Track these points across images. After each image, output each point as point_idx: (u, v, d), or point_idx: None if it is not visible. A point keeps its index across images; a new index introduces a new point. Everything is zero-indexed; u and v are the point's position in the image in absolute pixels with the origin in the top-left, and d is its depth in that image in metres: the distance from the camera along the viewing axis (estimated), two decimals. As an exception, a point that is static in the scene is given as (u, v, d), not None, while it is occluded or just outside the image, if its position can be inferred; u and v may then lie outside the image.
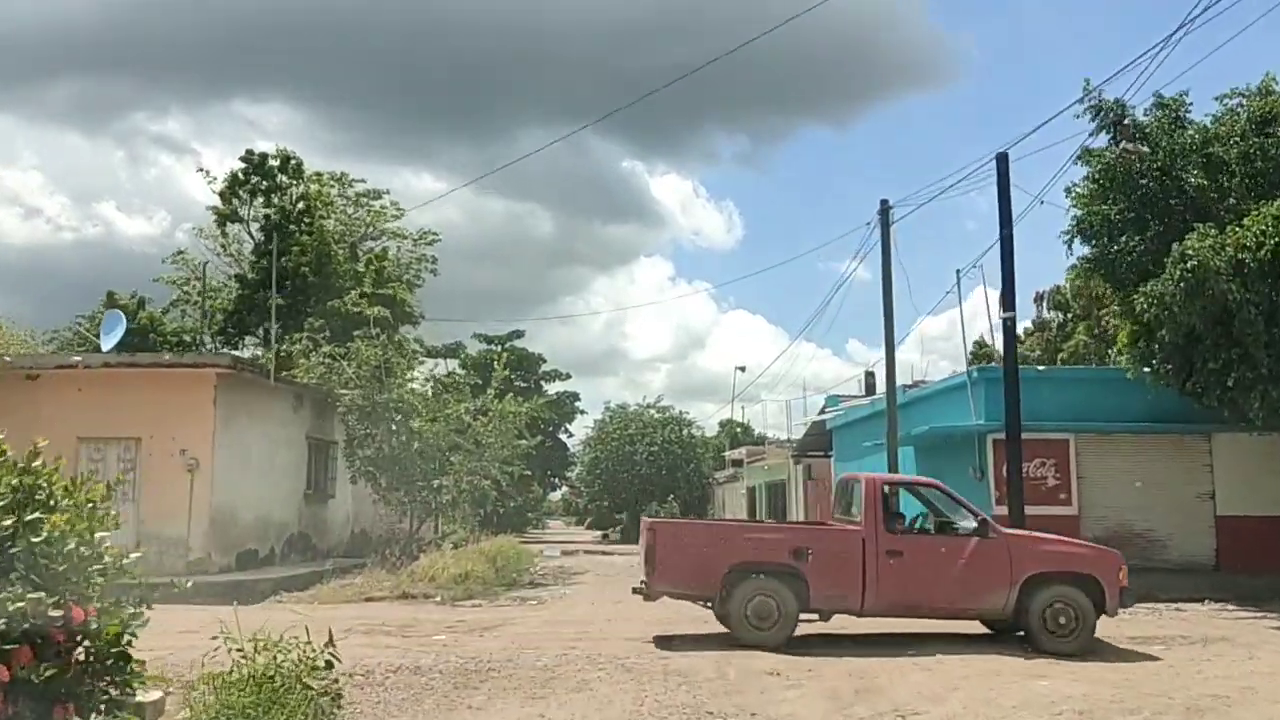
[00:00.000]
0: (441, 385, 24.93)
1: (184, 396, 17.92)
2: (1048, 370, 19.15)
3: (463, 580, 18.69)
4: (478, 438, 22.96)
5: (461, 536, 26.94)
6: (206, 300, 37.23)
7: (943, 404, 19.40)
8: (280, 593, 17.30)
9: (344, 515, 25.36)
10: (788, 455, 34.18)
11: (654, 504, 54.67)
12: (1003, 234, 16.87)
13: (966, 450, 18.22)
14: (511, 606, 16.51)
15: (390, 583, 18.14)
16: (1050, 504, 17.35)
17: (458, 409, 23.29)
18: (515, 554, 27.26)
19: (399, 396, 22.21)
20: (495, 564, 22.37)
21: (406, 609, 15.82)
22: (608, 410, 56.25)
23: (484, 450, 22.98)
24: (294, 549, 21.95)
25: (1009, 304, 16.96)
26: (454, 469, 22.63)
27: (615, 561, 31.81)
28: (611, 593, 18.89)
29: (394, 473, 22.25)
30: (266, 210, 36.80)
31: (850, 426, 26.15)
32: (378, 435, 22.33)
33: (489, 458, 22.89)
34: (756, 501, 39.13)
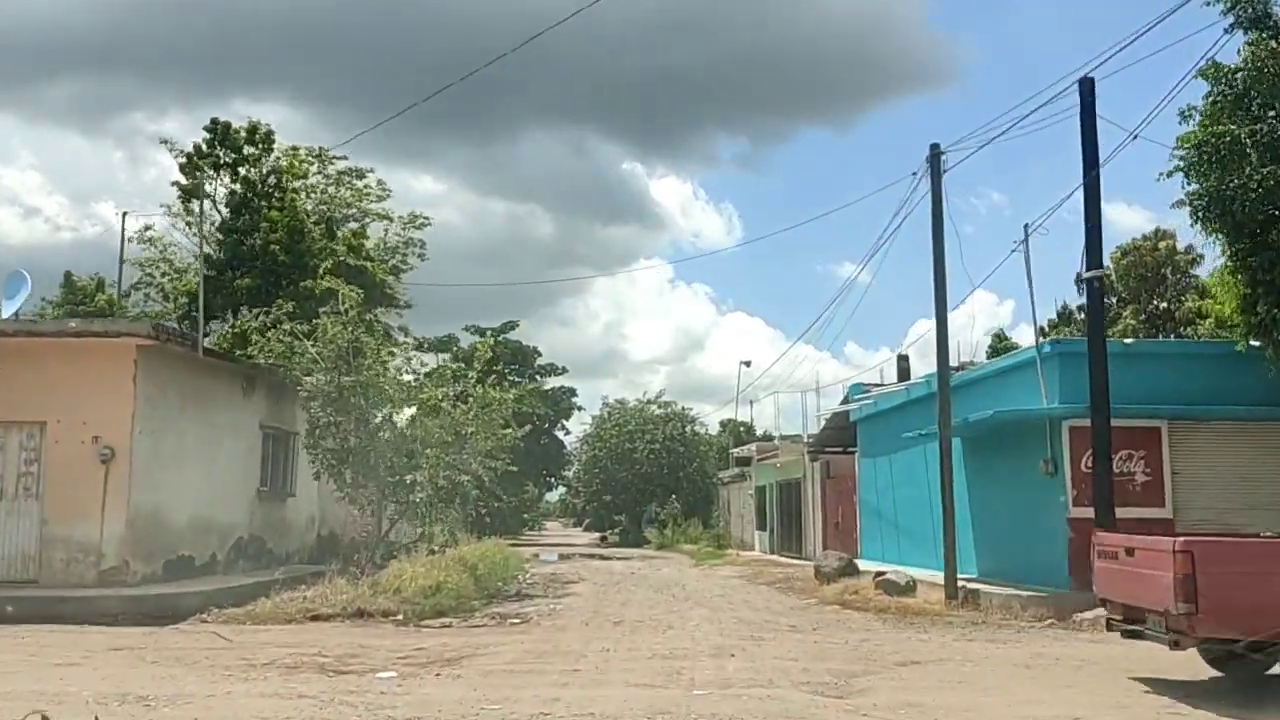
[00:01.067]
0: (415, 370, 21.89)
1: (98, 373, 14.95)
2: (1136, 344, 16.18)
3: (433, 593, 15.71)
4: (457, 427, 19.97)
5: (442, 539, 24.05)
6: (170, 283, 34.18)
7: (1002, 387, 16.44)
8: (211, 609, 14.29)
9: (308, 516, 22.39)
10: (803, 451, 31.20)
11: (654, 504, 51.87)
12: (1087, 176, 13.91)
13: (1035, 440, 15.26)
14: (488, 627, 13.54)
15: (346, 596, 15.15)
16: (1138, 504, 14.41)
17: (434, 394, 20.33)
18: (501, 560, 24.36)
19: (368, 380, 19.25)
20: (475, 572, 19.45)
21: (356, 632, 12.85)
22: (606, 406, 53.35)
23: (464, 442, 19.99)
24: (244, 555, 18.97)
25: (1095, 260, 13.99)
26: (429, 462, 19.66)
27: (614, 568, 28.85)
28: (609, 608, 15.94)
29: (360, 466, 19.28)
30: (233, 185, 33.77)
31: (881, 418, 23.18)
32: (344, 424, 19.40)
33: (470, 450, 19.90)
34: (766, 503, 36.14)
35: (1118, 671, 9.43)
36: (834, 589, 17.77)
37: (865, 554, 23.01)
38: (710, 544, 38.06)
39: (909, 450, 21.14)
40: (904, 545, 21.59)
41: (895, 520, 22.26)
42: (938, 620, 13.70)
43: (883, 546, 22.98)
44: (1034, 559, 15.38)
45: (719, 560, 31.45)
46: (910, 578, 16.41)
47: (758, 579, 23.15)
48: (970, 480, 18.08)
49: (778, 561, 29.76)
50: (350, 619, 14.02)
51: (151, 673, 9.31)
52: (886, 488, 22.86)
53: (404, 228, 38.67)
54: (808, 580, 20.53)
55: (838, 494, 27.93)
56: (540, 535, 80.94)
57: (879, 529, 23.38)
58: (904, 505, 21.66)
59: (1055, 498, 14.80)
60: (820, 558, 19.93)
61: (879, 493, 23.40)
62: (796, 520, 32.03)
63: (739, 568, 28.03)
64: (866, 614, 14.76)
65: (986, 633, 12.31)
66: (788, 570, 25.57)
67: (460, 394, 20.72)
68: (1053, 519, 14.86)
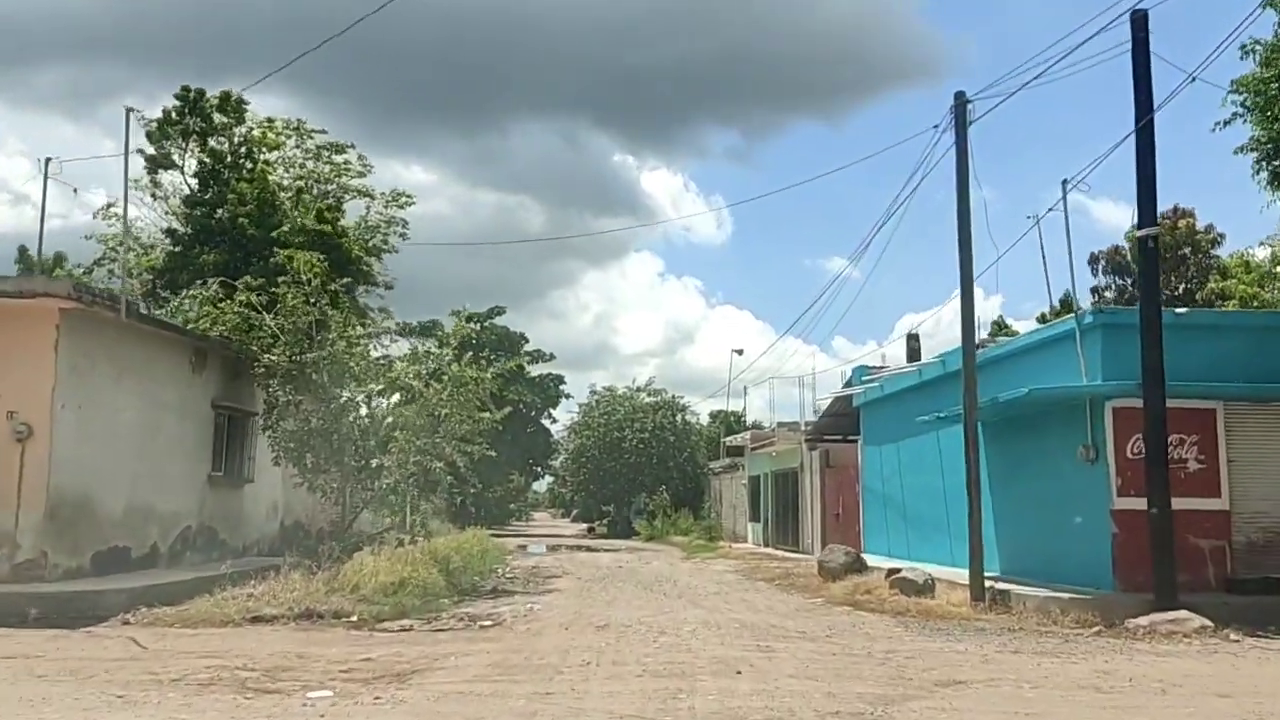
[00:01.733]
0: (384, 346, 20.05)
1: (12, 340, 13.13)
2: (1189, 314, 14.46)
3: (395, 591, 14.04)
4: (430, 409, 18.25)
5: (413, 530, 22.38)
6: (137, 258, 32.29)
7: (1033, 364, 14.73)
8: (139, 609, 12.54)
9: (269, 504, 20.62)
10: (800, 439, 29.55)
11: (643, 495, 50.18)
12: (1139, 122, 12.24)
13: (1071, 423, 13.59)
14: (454, 631, 11.81)
15: (296, 594, 13.44)
16: (1190, 494, 12.76)
17: (404, 371, 18.61)
18: (479, 553, 22.69)
19: (331, 356, 17.53)
20: (448, 567, 17.78)
21: (299, 637, 11.11)
22: (594, 394, 51.55)
23: (437, 424, 18.26)
24: (192, 547, 17.21)
25: (1150, 216, 12.32)
26: (398, 446, 17.95)
27: (600, 561, 27.15)
28: (593, 607, 14.24)
29: (323, 450, 17.58)
30: (202, 155, 31.89)
31: (888, 402, 21.49)
32: (305, 404, 17.69)
33: (444, 434, 18.16)
34: (761, 493, 34.50)
35: (1208, 694, 7.78)
36: (842, 587, 16.12)
37: (869, 548, 21.34)
38: (701, 536, 36.42)
39: (920, 436, 19.47)
40: (914, 539, 19.94)
41: (903, 512, 20.60)
42: (966, 625, 12.03)
43: (889, 540, 21.32)
44: (1069, 556, 13.73)
45: (711, 553, 29.78)
46: (928, 576, 14.75)
47: (754, 574, 21.48)
48: (991, 468, 16.39)
49: (773, 555, 28.12)
50: (297, 621, 12.31)
51: (23, 692, 7.58)
52: (893, 477, 21.20)
53: (386, 205, 36.80)
54: (810, 577, 18.88)
55: (838, 484, 26.29)
56: (527, 526, 79.22)
57: (885, 522, 21.72)
58: (914, 496, 20.00)
59: (1096, 487, 13.14)
60: (825, 553, 18.28)
61: (885, 482, 21.74)
62: (793, 512, 30.39)
63: (733, 561, 26.36)
64: (883, 617, 13.09)
65: (1028, 642, 10.64)
66: (785, 565, 23.91)
67: (433, 373, 18.97)
68: (1093, 511, 13.21)
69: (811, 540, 28.19)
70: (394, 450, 17.93)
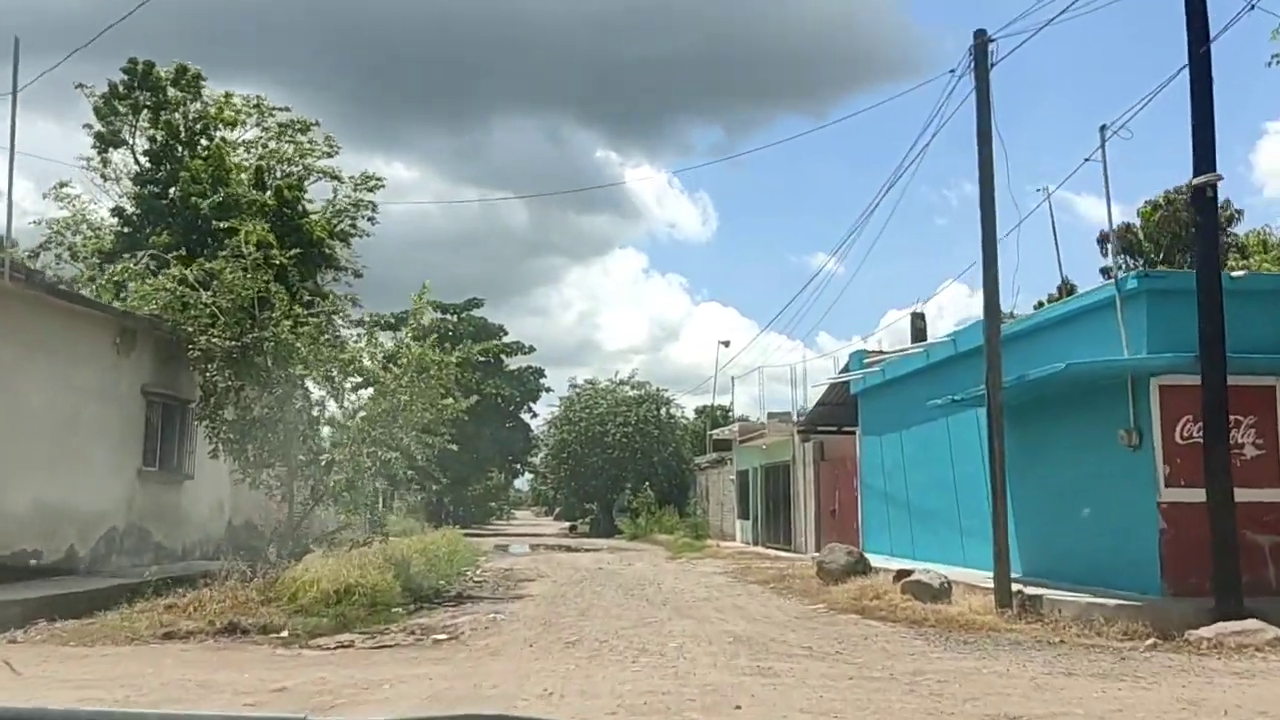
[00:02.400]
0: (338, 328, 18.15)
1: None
2: (1246, 278, 12.79)
3: (337, 601, 12.28)
4: (386, 394, 16.47)
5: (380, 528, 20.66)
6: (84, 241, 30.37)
7: (1062, 339, 13.03)
8: (40, 621, 10.80)
9: (213, 502, 18.83)
10: (792, 431, 27.87)
11: (627, 492, 48.46)
12: (1193, 54, 10.58)
13: (1110, 403, 11.92)
14: (399, 649, 10.06)
15: (222, 605, 11.69)
16: (1248, 484, 11.10)
17: (356, 353, 16.83)
18: (446, 555, 20.95)
19: (275, 336, 15.74)
20: (407, 570, 16.01)
21: (211, 659, 9.34)
22: (575, 388, 49.77)
23: (395, 412, 16.48)
24: (119, 550, 15.43)
25: (1207, 160, 10.63)
26: (351, 436, 16.19)
27: (579, 562, 25.41)
28: (565, 617, 12.50)
29: (266, 441, 15.80)
30: (154, 131, 29.95)
31: (891, 388, 19.81)
32: (246, 390, 15.92)
33: (402, 422, 16.38)
34: (750, 488, 32.81)
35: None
36: (845, 591, 14.43)
37: (869, 547, 19.65)
38: (687, 534, 34.73)
39: (927, 424, 17.82)
40: (920, 537, 18.29)
41: (907, 508, 18.95)
42: (997, 638, 10.35)
43: (891, 539, 19.67)
44: (1107, 556, 12.08)
45: (698, 553, 28.06)
46: (944, 578, 13.07)
47: (746, 576, 19.78)
48: (1011, 458, 14.73)
49: (764, 554, 26.44)
50: (217, 637, 10.53)
51: None
52: (896, 470, 19.54)
53: (354, 189, 34.83)
54: (808, 579, 17.20)
55: (834, 478, 24.62)
56: (508, 525, 77.43)
57: (886, 518, 20.07)
58: (920, 490, 18.36)
59: (1140, 477, 11.48)
60: (824, 553, 16.59)
61: (887, 476, 20.08)
62: (784, 508, 28.71)
63: (722, 562, 24.66)
64: (897, 627, 11.41)
65: (1078, 660, 8.96)
66: (778, 565, 22.23)
67: (391, 356, 17.17)
68: (1136, 504, 11.55)
69: (805, 538, 26.53)
70: (346, 441, 16.19)
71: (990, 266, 12.28)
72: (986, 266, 12.31)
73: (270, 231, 27.56)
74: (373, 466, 16.15)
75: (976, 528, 15.91)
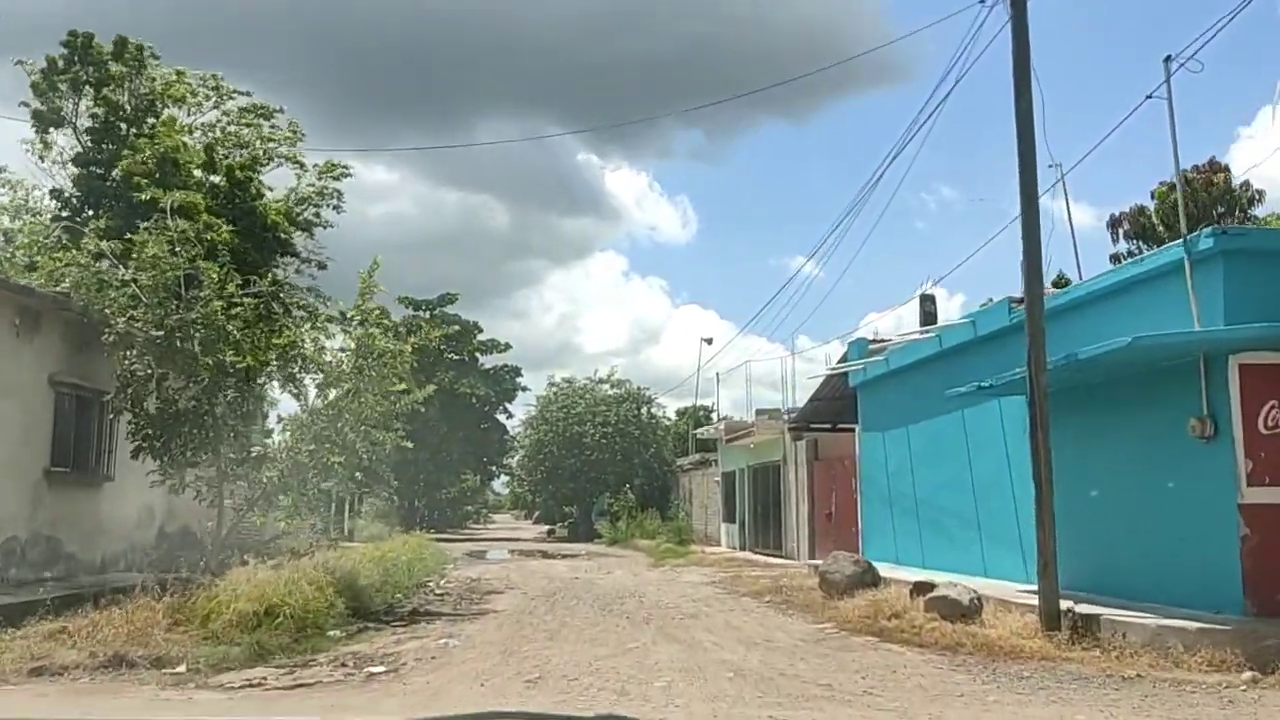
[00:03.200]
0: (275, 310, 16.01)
1: None
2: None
3: (257, 625, 10.30)
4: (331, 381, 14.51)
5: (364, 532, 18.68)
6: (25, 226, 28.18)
7: (1116, 313, 11.07)
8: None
9: (141, 508, 16.73)
10: (783, 429, 26.00)
11: (606, 495, 46.48)
12: None
13: (1180, 386, 10.05)
14: (318, 690, 8.10)
15: (119, 631, 9.72)
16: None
17: (295, 335, 14.85)
18: (405, 564, 18.96)
19: (204, 317, 13.75)
20: (354, 584, 14.04)
21: (78, 704, 7.36)
22: (552, 386, 47.71)
23: (339, 405, 14.52)
24: (22, 562, 13.37)
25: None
26: (291, 432, 14.24)
27: (554, 570, 23.45)
28: (530, 643, 10.55)
29: (192, 438, 13.82)
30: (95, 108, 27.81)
31: (896, 379, 17.95)
32: (169, 379, 13.92)
33: (351, 415, 14.39)
34: (737, 491, 30.91)
35: None
36: (854, 607, 12.54)
37: (870, 553, 17.77)
38: (670, 539, 32.78)
39: (940, 418, 15.98)
40: (931, 543, 16.44)
41: (915, 510, 17.10)
42: (1055, 670, 8.48)
43: (896, 545, 17.82)
44: (1173, 567, 10.23)
45: (682, 559, 26.11)
46: (974, 593, 11.18)
47: (737, 587, 17.88)
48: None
49: (753, 561, 24.57)
50: (99, 672, 8.55)
51: None
52: (902, 469, 17.68)
53: (319, 177, 32.68)
54: (808, 591, 15.33)
55: (830, 479, 22.74)
56: (485, 529, 75.25)
57: (890, 522, 18.21)
58: (931, 491, 16.51)
59: (1215, 474, 9.62)
60: (828, 562, 14.68)
61: (891, 475, 18.22)
62: (774, 511, 26.83)
63: (709, 569, 22.75)
64: (927, 654, 9.54)
65: (1169, 702, 7.12)
66: (770, 573, 20.36)
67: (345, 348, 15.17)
68: (1211, 507, 9.69)
69: (797, 544, 24.66)
70: (286, 437, 14.23)
71: (1032, 222, 10.39)
72: (1027, 224, 10.43)
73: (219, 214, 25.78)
74: (314, 466, 14.12)
75: (1000, 533, 14.08)
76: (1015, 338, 13.49)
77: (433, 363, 50.21)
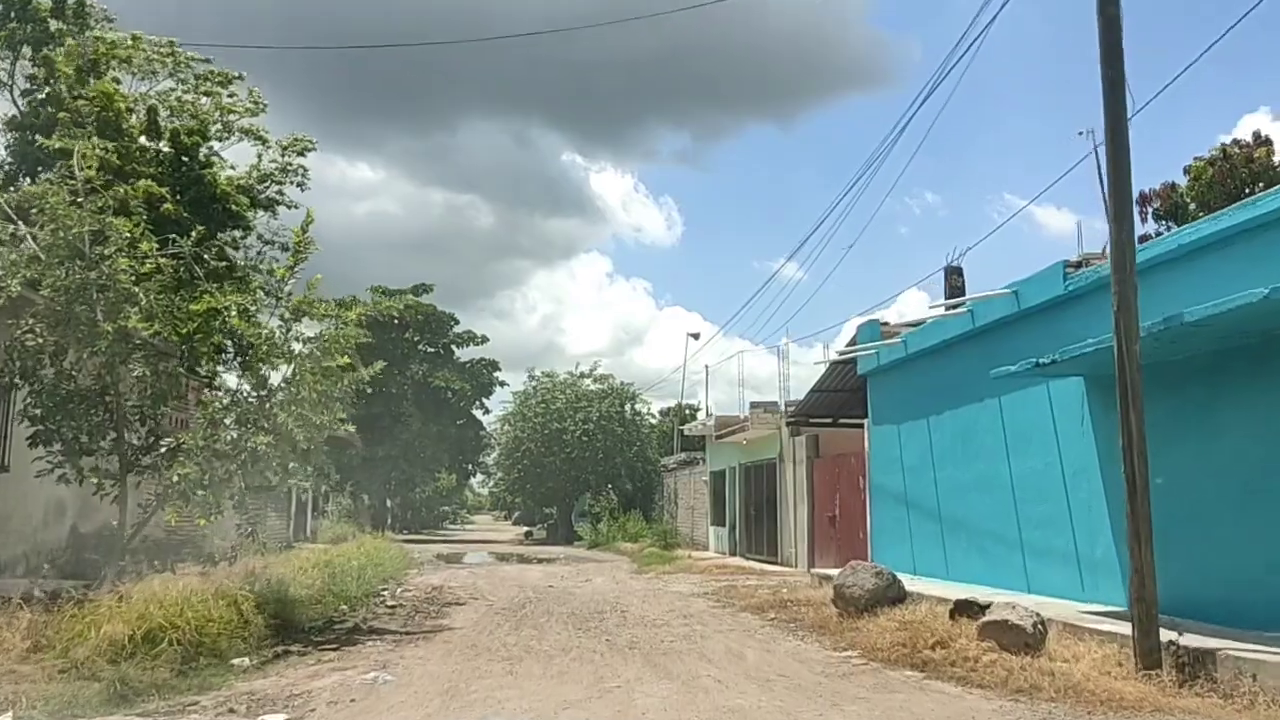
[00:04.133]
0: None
1: None
2: None
3: (135, 652, 8.05)
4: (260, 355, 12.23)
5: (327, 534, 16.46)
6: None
7: (1224, 266, 8.93)
8: None
9: (46, 503, 14.40)
10: (780, 423, 23.84)
11: (587, 496, 44.29)
12: None
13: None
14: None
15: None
16: None
17: (217, 302, 12.59)
18: (357, 570, 16.76)
19: (108, 277, 11.51)
20: (281, 599, 11.85)
21: None
22: (531, 379, 45.44)
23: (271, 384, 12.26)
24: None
25: None
26: (205, 415, 11.97)
27: (527, 577, 21.23)
28: (482, 678, 8.31)
29: (89, 420, 11.59)
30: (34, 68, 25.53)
31: (917, 363, 15.80)
32: (67, 351, 11.68)
33: (282, 398, 12.11)
34: (727, 491, 28.74)
35: None
36: (881, 629, 10.36)
37: (881, 562, 15.57)
38: (655, 543, 30.59)
39: (970, 407, 13.88)
40: (957, 552, 14.32)
41: (938, 514, 14.97)
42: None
43: (913, 552, 15.70)
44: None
45: (668, 565, 23.89)
46: (1037, 616, 9.01)
47: (733, 599, 15.68)
48: (1101, 442, 10.86)
49: (747, 568, 22.39)
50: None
51: None
52: (922, 466, 15.55)
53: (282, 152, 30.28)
54: (818, 606, 13.16)
55: (833, 478, 20.58)
56: (461, 530, 72.95)
57: (907, 527, 16.08)
58: (958, 492, 14.38)
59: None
60: (845, 573, 12.47)
61: (909, 474, 16.10)
62: (769, 514, 24.67)
63: (698, 577, 20.56)
64: (991, 696, 7.38)
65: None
66: (767, 582, 18.22)
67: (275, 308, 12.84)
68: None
69: (795, 550, 22.51)
70: (201, 420, 11.95)
71: (1121, 150, 8.22)
72: (1115, 153, 8.26)
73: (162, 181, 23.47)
74: (237, 456, 11.83)
75: (1048, 541, 11.95)
76: (1072, 309, 11.43)
77: (405, 354, 48.08)
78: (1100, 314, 10.89)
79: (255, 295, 13.78)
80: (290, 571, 14.75)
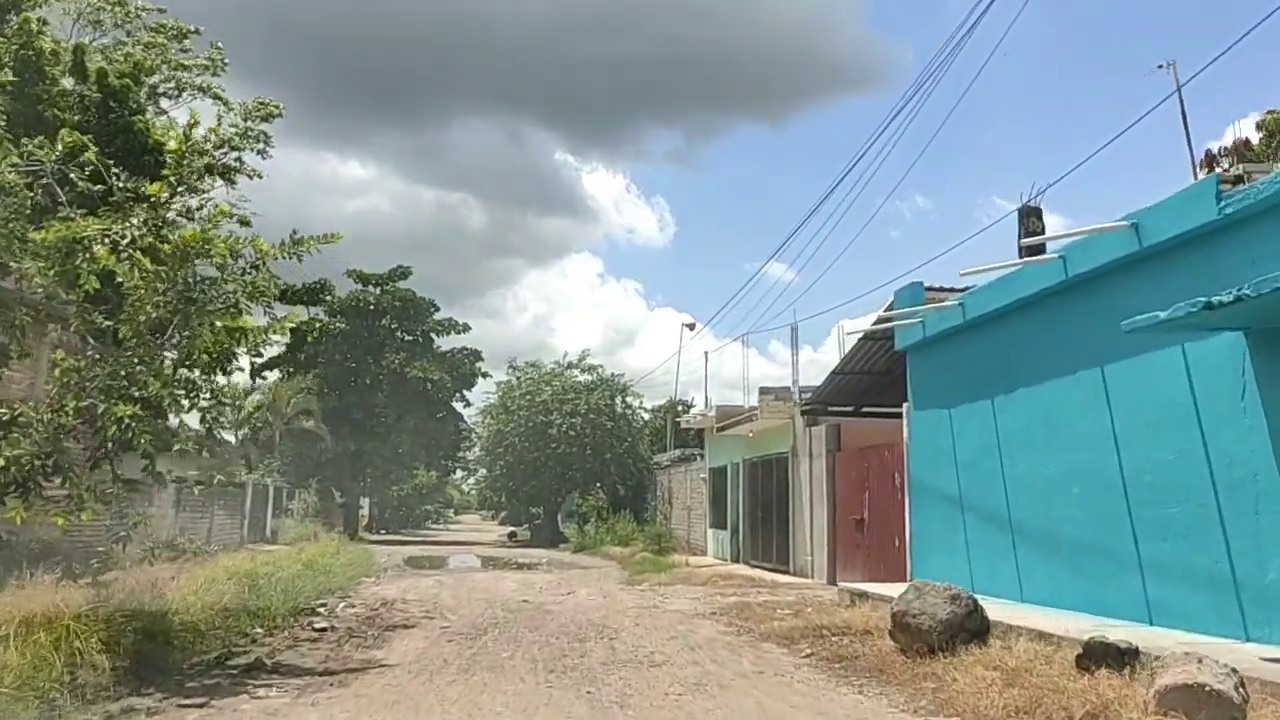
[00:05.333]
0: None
1: None
2: None
3: None
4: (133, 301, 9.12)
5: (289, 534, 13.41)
6: None
7: None
8: None
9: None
10: (793, 411, 20.77)
11: (574, 494, 41.19)
12: None
13: None
14: None
15: None
16: None
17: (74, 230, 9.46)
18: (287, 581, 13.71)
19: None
20: (155, 624, 8.79)
21: None
22: (515, 370, 42.29)
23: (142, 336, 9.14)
24: None
25: None
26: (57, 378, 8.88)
27: (500, 588, 18.12)
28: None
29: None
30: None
31: (979, 332, 12.73)
32: None
33: (150, 346, 8.99)
34: (728, 490, 25.66)
35: None
36: (980, 683, 7.30)
37: (925, 576, 12.59)
38: (647, 547, 27.53)
39: (1055, 382, 10.87)
40: (1036, 567, 11.27)
41: (1007, 518, 11.93)
42: None
43: (970, 566, 12.66)
44: None
45: (663, 573, 20.77)
46: (1237, 676, 5.98)
47: (749, 621, 12.59)
48: (1276, 423, 7.88)
49: (755, 579, 19.32)
50: None
51: None
52: (985, 460, 12.49)
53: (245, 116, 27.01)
54: (859, 633, 10.14)
55: (860, 474, 17.49)
56: (444, 531, 69.63)
57: (962, 534, 13.03)
58: (1036, 491, 11.33)
59: None
60: (908, 597, 9.38)
61: (964, 469, 13.06)
62: (779, 516, 21.60)
63: (700, 590, 17.48)
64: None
65: None
66: (783, 597, 15.21)
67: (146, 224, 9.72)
68: None
69: (811, 559, 19.45)
70: (51, 385, 8.86)
71: None
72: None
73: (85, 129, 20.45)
74: (89, 429, 8.72)
75: (1183, 558, 8.90)
76: (1226, 242, 8.41)
77: (380, 342, 44.87)
78: (1273, 244, 7.94)
79: (132, 224, 10.61)
80: (197, 584, 11.73)
